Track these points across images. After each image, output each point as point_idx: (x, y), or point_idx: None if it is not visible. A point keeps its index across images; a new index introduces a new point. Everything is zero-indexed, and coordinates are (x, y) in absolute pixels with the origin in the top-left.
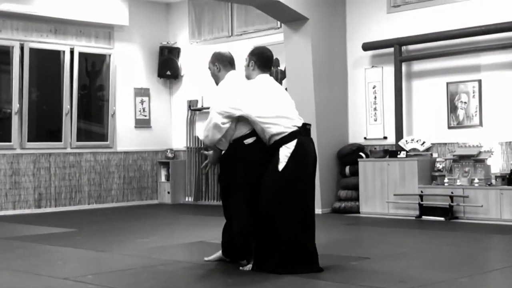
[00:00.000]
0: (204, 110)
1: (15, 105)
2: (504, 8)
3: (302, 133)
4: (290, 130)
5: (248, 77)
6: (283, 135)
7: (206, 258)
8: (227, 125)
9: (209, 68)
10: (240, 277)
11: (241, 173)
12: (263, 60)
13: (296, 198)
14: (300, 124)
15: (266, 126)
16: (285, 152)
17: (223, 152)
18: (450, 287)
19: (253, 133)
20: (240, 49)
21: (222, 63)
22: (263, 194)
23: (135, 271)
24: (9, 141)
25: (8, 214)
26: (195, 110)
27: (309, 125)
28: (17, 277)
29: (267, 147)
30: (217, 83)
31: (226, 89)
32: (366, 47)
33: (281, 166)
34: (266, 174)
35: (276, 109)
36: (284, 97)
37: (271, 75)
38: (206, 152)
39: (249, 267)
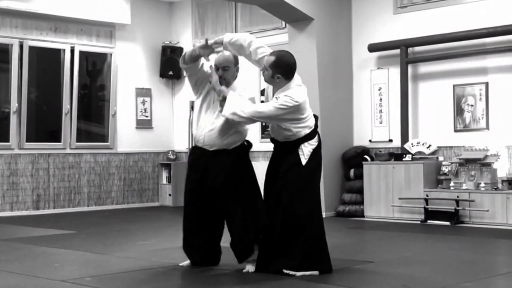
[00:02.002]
0: None
1: (14, 105)
2: (511, 9)
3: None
4: (312, 128)
5: (271, 84)
6: (307, 133)
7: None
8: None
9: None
10: (242, 280)
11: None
12: (290, 72)
13: (318, 191)
14: (314, 119)
15: (297, 130)
16: (309, 148)
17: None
18: None
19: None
20: None
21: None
22: (285, 189)
23: (134, 274)
24: (7, 141)
25: (6, 215)
26: None
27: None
28: (14, 279)
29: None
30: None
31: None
32: (372, 48)
33: (304, 161)
34: (286, 170)
35: (308, 113)
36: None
37: None
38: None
39: (251, 268)
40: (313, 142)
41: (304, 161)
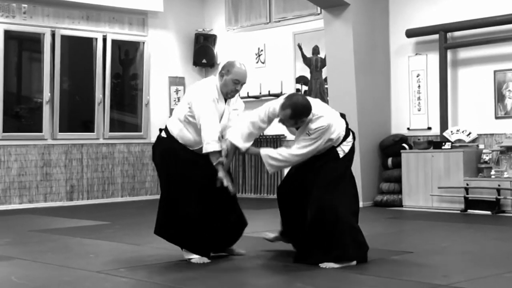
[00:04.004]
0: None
1: (46, 95)
2: None
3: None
4: (345, 126)
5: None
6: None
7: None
8: None
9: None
10: (276, 270)
11: None
12: (309, 111)
13: (353, 182)
14: (343, 121)
15: (337, 136)
16: (347, 146)
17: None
18: (495, 282)
19: None
20: (278, 37)
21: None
22: (319, 181)
23: (168, 265)
24: (40, 131)
25: (39, 206)
26: None
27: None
28: (49, 270)
29: None
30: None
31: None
32: (410, 33)
33: (342, 155)
34: (322, 164)
35: (333, 119)
36: (326, 106)
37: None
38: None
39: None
40: (350, 139)
41: (341, 155)
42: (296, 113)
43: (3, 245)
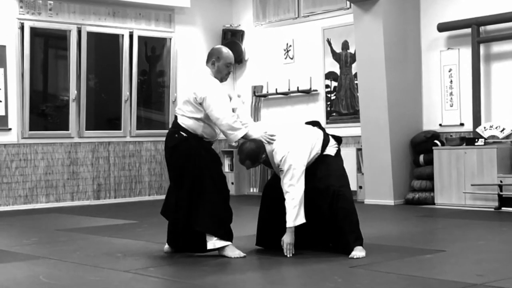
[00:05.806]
0: (270, 96)
1: (73, 92)
2: None
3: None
4: (323, 134)
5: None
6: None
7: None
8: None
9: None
10: (308, 267)
11: None
12: (262, 148)
13: None
14: (318, 130)
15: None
16: (333, 149)
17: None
18: None
19: None
20: (307, 32)
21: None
22: (329, 176)
23: (197, 263)
24: (67, 129)
25: (66, 205)
26: (260, 96)
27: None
28: (76, 269)
29: None
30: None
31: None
32: (442, 27)
33: (333, 153)
34: (319, 162)
35: (304, 134)
36: (302, 128)
37: None
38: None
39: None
40: (333, 143)
41: (333, 154)
42: (252, 159)
43: (30, 244)
